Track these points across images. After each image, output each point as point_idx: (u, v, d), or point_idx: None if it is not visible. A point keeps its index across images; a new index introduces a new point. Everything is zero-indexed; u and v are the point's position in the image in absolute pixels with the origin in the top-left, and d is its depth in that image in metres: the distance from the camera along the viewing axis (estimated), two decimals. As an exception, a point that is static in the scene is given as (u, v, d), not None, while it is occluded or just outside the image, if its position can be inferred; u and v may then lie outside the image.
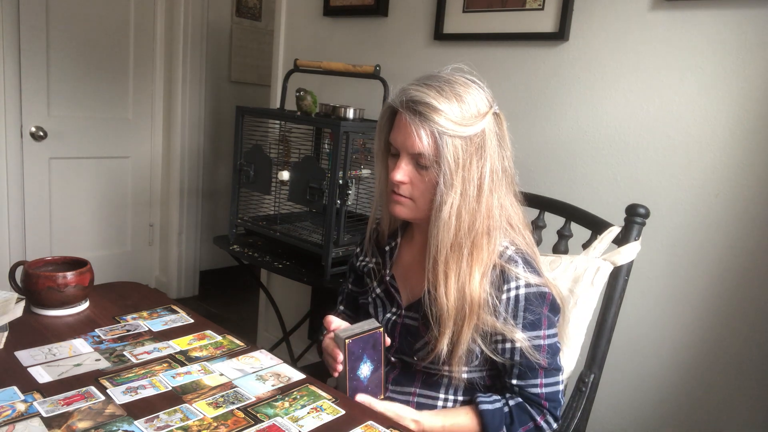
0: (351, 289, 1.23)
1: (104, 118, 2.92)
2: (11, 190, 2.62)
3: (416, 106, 0.93)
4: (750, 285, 1.38)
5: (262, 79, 3.46)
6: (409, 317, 1.06)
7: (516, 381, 0.99)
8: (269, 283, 2.55)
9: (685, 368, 1.49)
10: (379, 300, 1.12)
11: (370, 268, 1.16)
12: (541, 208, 1.37)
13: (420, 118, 0.92)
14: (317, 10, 2.23)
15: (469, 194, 0.94)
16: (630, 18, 1.50)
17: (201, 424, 0.81)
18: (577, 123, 1.61)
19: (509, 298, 0.97)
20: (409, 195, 0.99)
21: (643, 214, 1.21)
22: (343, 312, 1.26)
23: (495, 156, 0.96)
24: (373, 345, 1.00)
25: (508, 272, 0.97)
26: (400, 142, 0.96)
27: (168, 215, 3.24)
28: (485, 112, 0.95)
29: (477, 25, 1.77)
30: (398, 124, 0.97)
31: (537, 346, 0.97)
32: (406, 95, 0.94)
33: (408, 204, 1.00)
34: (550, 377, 0.99)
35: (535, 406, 0.99)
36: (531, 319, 0.97)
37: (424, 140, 0.93)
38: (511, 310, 0.96)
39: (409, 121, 0.93)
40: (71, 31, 2.70)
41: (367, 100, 2.02)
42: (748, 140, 1.36)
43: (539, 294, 0.98)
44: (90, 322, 1.12)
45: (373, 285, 1.13)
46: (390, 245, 1.12)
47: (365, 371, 1.00)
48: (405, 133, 0.95)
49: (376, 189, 1.11)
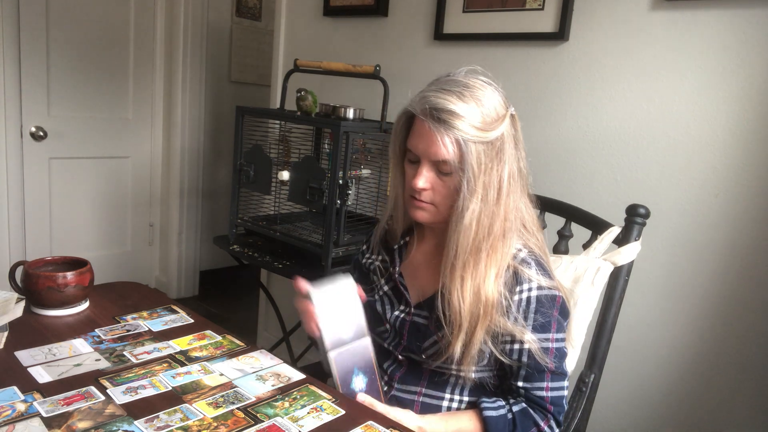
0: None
1: (104, 118, 2.92)
2: (11, 190, 2.62)
3: (440, 114, 0.91)
4: (750, 285, 1.38)
5: (262, 79, 3.46)
6: (418, 315, 1.05)
7: (522, 383, 0.99)
8: (269, 283, 2.55)
9: (685, 368, 1.49)
10: (386, 297, 1.11)
11: (376, 266, 1.15)
12: (541, 208, 1.36)
13: (444, 126, 0.91)
14: (317, 10, 2.23)
15: (490, 199, 0.95)
16: (630, 18, 1.50)
17: (201, 424, 0.81)
18: (577, 123, 1.61)
19: (521, 299, 0.96)
20: (431, 201, 0.98)
21: (644, 214, 1.21)
22: None
23: (512, 158, 0.96)
24: (362, 356, 0.99)
25: (521, 274, 0.97)
26: (422, 150, 0.95)
27: (168, 215, 3.24)
28: (503, 114, 0.95)
29: (477, 25, 1.77)
30: (419, 131, 0.96)
31: (545, 348, 0.97)
32: (427, 103, 0.93)
33: (429, 209, 1.00)
34: (556, 381, 0.99)
35: (539, 410, 0.98)
36: (541, 321, 0.97)
37: (449, 148, 0.92)
38: (522, 311, 0.96)
39: (432, 129, 0.92)
40: (71, 31, 2.70)
41: (367, 100, 2.02)
42: (748, 140, 1.36)
43: (551, 297, 0.98)
44: (90, 322, 1.12)
45: (380, 282, 1.13)
46: (400, 243, 1.12)
47: (359, 384, 0.99)
48: (428, 140, 0.94)
49: (391, 192, 1.10)
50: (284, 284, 2.48)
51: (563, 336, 1.00)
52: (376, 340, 1.09)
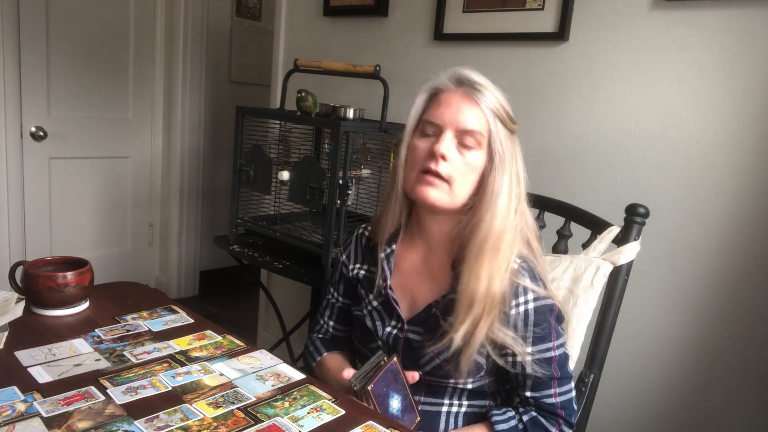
0: (342, 302, 1.17)
1: (104, 118, 2.92)
2: (11, 190, 2.62)
3: (473, 84, 0.92)
4: (750, 284, 1.38)
5: (262, 79, 3.45)
6: (411, 332, 1.02)
7: (530, 393, 0.98)
8: (269, 283, 2.55)
9: (684, 368, 1.49)
10: (376, 312, 1.06)
11: (363, 275, 1.10)
12: (540, 207, 1.37)
13: (477, 94, 0.92)
14: (317, 10, 2.23)
15: (514, 189, 0.94)
16: (630, 18, 1.50)
17: (201, 424, 0.81)
18: (577, 123, 1.61)
19: (518, 313, 0.95)
20: (447, 175, 0.92)
21: (643, 213, 1.21)
22: (334, 328, 1.19)
23: (521, 162, 0.97)
24: (394, 377, 0.96)
25: (519, 284, 0.95)
26: (449, 118, 0.92)
27: (168, 215, 3.24)
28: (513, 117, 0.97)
29: (477, 25, 1.77)
30: (446, 101, 0.94)
31: (548, 358, 0.96)
32: (458, 74, 0.94)
33: (443, 187, 0.93)
34: (563, 386, 0.98)
35: (550, 417, 0.98)
36: (541, 334, 0.95)
37: (480, 118, 0.92)
38: (522, 325, 0.95)
39: (464, 96, 0.92)
40: (71, 31, 2.70)
41: (367, 100, 2.02)
42: (748, 140, 1.36)
43: (548, 307, 0.96)
44: (90, 322, 1.12)
45: (369, 298, 1.07)
46: (386, 251, 1.06)
47: (395, 405, 0.96)
48: (457, 108, 0.92)
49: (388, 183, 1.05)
50: (284, 284, 2.48)
51: (563, 341, 1.00)
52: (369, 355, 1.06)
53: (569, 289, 1.18)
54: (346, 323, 1.18)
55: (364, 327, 1.07)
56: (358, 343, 1.12)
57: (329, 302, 1.19)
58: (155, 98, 3.12)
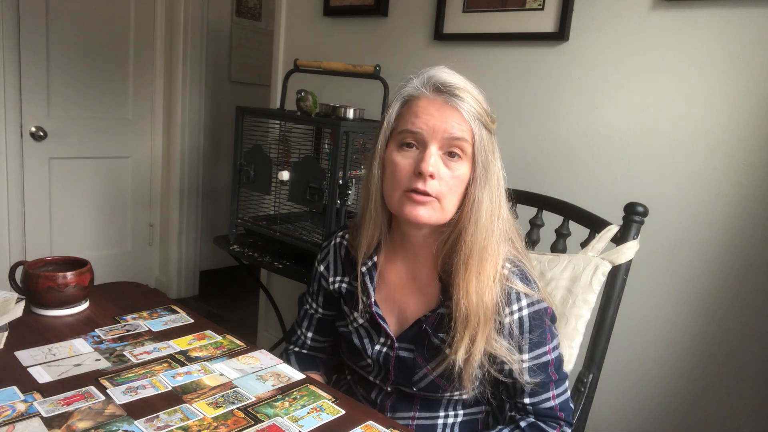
0: (323, 313, 1.12)
1: (104, 118, 2.92)
2: (11, 190, 2.63)
3: (452, 89, 0.86)
4: (750, 285, 1.38)
5: (262, 79, 3.46)
6: (402, 349, 0.98)
7: (529, 400, 0.96)
8: (269, 283, 2.55)
9: (684, 367, 1.49)
10: (363, 330, 1.02)
11: (345, 289, 1.05)
12: (539, 206, 1.37)
13: (457, 100, 0.86)
14: (317, 10, 2.24)
15: (495, 195, 0.90)
16: (630, 18, 1.50)
17: (201, 424, 0.81)
18: (577, 122, 1.61)
19: (513, 320, 0.92)
20: (437, 192, 0.87)
21: (642, 212, 1.21)
22: (312, 339, 1.14)
23: (499, 161, 0.92)
24: None
25: (512, 288, 0.92)
26: (431, 126, 0.86)
27: (168, 215, 3.24)
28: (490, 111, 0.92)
29: (477, 25, 1.77)
30: (425, 108, 0.87)
31: (545, 362, 0.95)
32: (435, 80, 0.87)
33: (433, 204, 0.88)
34: (559, 387, 0.97)
35: (550, 421, 0.97)
36: (536, 340, 0.94)
37: (463, 125, 0.86)
38: (517, 332, 0.93)
39: (444, 105, 0.86)
40: (71, 30, 2.70)
41: (367, 100, 2.02)
42: (748, 140, 1.36)
43: (542, 311, 0.94)
44: (90, 322, 1.12)
45: (354, 315, 1.02)
46: (368, 265, 1.00)
47: None
48: (439, 116, 0.86)
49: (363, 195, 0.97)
50: (284, 284, 2.48)
51: (557, 342, 0.98)
52: (359, 372, 1.04)
53: (568, 288, 1.18)
54: (326, 334, 1.14)
55: (351, 345, 1.03)
56: (348, 361, 1.09)
57: (307, 312, 1.14)
58: (155, 98, 3.12)
